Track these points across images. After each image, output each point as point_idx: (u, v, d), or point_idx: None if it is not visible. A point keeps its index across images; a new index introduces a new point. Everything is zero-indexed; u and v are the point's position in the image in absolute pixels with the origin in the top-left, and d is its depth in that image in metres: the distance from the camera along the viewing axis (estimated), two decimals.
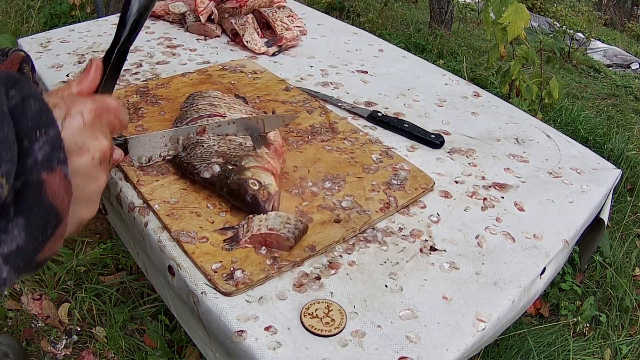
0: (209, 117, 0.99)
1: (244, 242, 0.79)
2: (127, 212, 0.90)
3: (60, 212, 0.43)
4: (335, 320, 0.71)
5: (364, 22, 4.22)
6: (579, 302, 1.82)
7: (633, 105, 3.92)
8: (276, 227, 0.78)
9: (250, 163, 0.88)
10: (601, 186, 1.04)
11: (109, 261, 1.74)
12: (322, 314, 0.72)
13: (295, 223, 0.79)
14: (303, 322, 0.71)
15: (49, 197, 0.42)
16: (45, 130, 0.43)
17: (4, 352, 1.37)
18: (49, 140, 0.43)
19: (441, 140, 1.09)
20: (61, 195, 0.43)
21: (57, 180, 0.42)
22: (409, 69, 1.41)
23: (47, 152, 0.42)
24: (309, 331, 0.70)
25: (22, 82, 0.44)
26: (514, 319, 0.84)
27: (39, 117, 0.43)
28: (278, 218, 0.80)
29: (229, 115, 1.00)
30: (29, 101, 0.43)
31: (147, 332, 1.51)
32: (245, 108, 1.07)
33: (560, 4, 5.71)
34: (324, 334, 0.70)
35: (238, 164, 0.88)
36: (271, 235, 0.78)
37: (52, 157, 0.42)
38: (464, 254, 0.85)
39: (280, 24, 1.49)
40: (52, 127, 0.43)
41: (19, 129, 0.41)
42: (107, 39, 1.45)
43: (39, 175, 0.41)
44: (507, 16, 1.82)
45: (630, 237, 2.13)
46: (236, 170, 0.87)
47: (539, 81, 2.14)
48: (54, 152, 0.43)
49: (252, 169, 0.87)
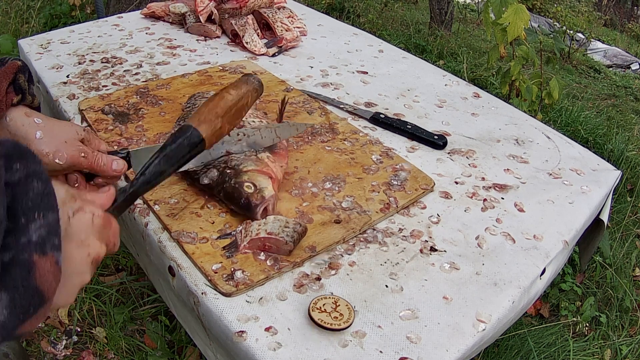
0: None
1: (243, 247, 0.79)
2: (127, 213, 0.90)
3: (46, 296, 0.43)
4: (343, 315, 0.71)
5: (364, 23, 4.22)
6: (579, 303, 1.82)
7: (633, 105, 3.92)
8: (275, 231, 0.78)
9: (249, 166, 0.87)
10: (601, 187, 1.04)
11: (109, 262, 1.74)
12: (330, 308, 0.72)
13: (293, 226, 0.79)
14: (312, 316, 0.70)
15: (36, 280, 0.42)
16: (44, 213, 0.43)
17: (4, 353, 1.37)
18: (46, 224, 0.43)
19: (444, 141, 1.09)
20: (49, 280, 0.43)
21: (48, 265, 0.43)
22: (409, 69, 1.42)
23: (42, 236, 0.42)
24: (318, 325, 0.69)
25: (29, 157, 0.44)
26: (514, 319, 0.84)
27: (40, 198, 0.43)
28: (277, 222, 0.80)
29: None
30: (32, 180, 0.43)
31: (147, 333, 1.51)
32: (250, 110, 1.07)
33: (560, 5, 5.71)
34: (334, 328, 0.70)
35: (236, 167, 0.88)
36: (270, 240, 0.78)
37: (47, 241, 0.43)
38: (464, 255, 0.85)
39: (280, 24, 1.49)
40: (51, 212, 0.44)
41: (17, 205, 0.41)
42: (107, 39, 1.45)
43: (30, 256, 0.41)
44: (507, 16, 1.82)
45: (630, 238, 2.13)
46: (233, 173, 0.87)
47: (538, 82, 2.14)
48: (49, 236, 0.43)
49: (250, 172, 0.87)
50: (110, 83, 1.23)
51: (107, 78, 1.26)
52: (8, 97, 0.72)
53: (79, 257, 0.50)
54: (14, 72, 0.73)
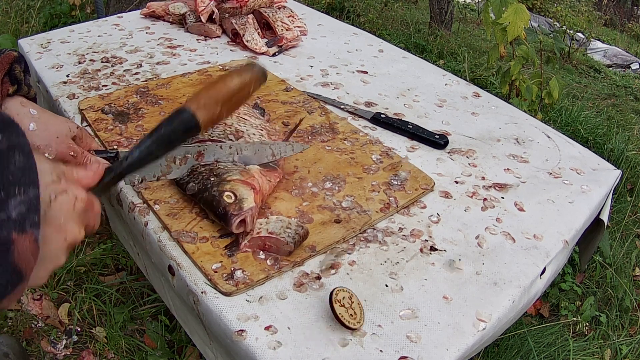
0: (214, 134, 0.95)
1: (244, 245, 0.79)
2: (127, 212, 0.90)
3: (24, 274, 0.42)
4: (357, 314, 0.71)
5: (364, 23, 4.22)
6: (579, 302, 1.82)
7: (633, 105, 3.92)
8: (276, 231, 0.78)
9: (233, 176, 0.84)
10: (601, 186, 1.04)
11: (109, 261, 1.73)
12: (347, 303, 0.72)
13: (295, 228, 0.79)
14: (334, 307, 0.70)
15: (15, 258, 0.41)
16: (25, 189, 0.42)
17: (4, 352, 1.37)
18: (26, 201, 0.42)
19: (445, 141, 1.09)
20: (27, 258, 0.42)
21: (27, 244, 0.42)
22: (409, 69, 1.42)
23: (22, 212, 0.41)
24: (337, 318, 0.70)
25: (12, 128, 0.43)
26: (514, 319, 0.84)
27: (22, 173, 0.42)
28: (279, 222, 0.80)
29: (238, 128, 0.97)
30: (14, 152, 0.41)
31: (147, 332, 1.51)
32: (258, 121, 1.04)
33: (560, 4, 5.71)
34: (349, 326, 0.70)
35: (220, 175, 0.85)
36: (270, 239, 0.78)
37: (27, 218, 0.41)
38: (464, 254, 0.85)
39: (280, 24, 1.49)
40: (32, 187, 0.42)
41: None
42: (107, 39, 1.45)
43: (9, 234, 0.40)
44: (507, 16, 1.82)
45: (630, 238, 2.13)
46: (216, 182, 0.84)
47: (538, 81, 2.14)
48: (29, 214, 0.42)
49: (233, 181, 0.84)
50: (110, 83, 1.23)
51: (107, 78, 1.26)
52: (4, 87, 0.72)
53: (56, 242, 0.50)
54: (10, 62, 0.73)
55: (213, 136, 0.94)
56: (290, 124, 1.10)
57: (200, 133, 0.69)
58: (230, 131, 0.96)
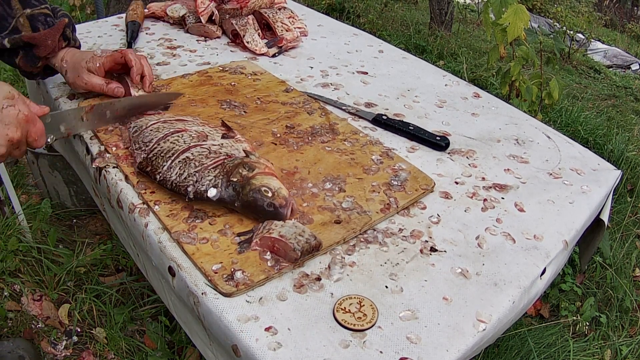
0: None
1: (254, 243, 0.79)
2: (128, 213, 0.90)
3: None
4: (367, 315, 0.72)
5: (364, 23, 4.23)
6: (579, 303, 1.82)
7: (633, 106, 3.93)
8: (287, 236, 0.78)
9: (253, 171, 0.86)
10: (601, 187, 1.04)
11: (109, 262, 1.74)
12: (354, 309, 0.73)
13: (308, 237, 0.78)
14: (336, 316, 0.72)
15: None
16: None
17: (20, 356, 1.38)
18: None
19: (446, 142, 1.09)
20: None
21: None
22: (409, 70, 1.42)
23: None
24: (341, 325, 0.71)
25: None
26: (514, 319, 0.84)
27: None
28: (294, 228, 0.79)
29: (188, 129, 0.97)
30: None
31: (147, 333, 1.51)
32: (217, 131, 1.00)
33: (560, 5, 5.72)
34: (357, 328, 0.70)
35: (242, 173, 0.85)
36: (279, 242, 0.78)
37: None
38: (464, 255, 0.85)
39: (280, 25, 1.49)
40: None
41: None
42: (107, 40, 1.45)
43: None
44: (507, 17, 1.83)
45: (630, 238, 2.13)
46: (243, 181, 0.84)
47: (538, 82, 2.14)
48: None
49: (258, 175, 0.85)
50: None
51: None
52: (59, 44, 1.10)
53: (1, 132, 0.81)
54: (63, 27, 1.10)
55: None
56: (293, 126, 1.10)
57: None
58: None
